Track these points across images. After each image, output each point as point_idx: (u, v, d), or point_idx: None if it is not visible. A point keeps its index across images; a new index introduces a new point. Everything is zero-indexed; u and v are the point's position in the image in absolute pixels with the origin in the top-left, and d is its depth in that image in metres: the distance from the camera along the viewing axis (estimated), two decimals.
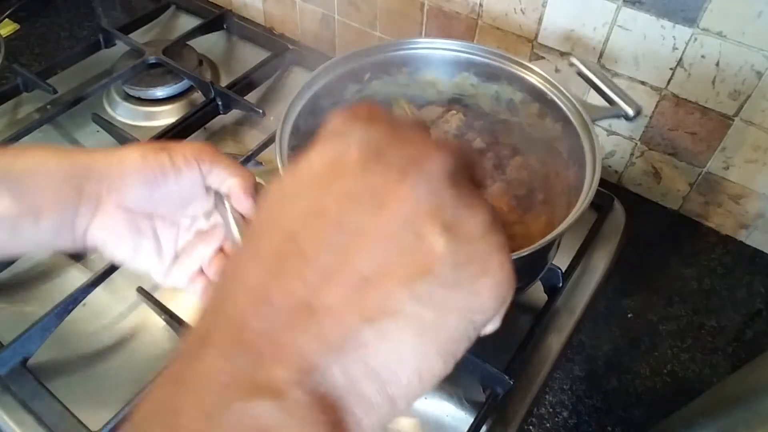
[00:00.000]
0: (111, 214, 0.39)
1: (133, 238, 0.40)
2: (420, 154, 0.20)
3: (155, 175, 0.39)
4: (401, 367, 0.19)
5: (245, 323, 0.18)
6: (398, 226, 0.19)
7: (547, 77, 0.58)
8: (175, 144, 0.41)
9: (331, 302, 0.18)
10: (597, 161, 0.51)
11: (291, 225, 0.20)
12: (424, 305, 0.19)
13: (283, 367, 0.17)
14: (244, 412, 0.16)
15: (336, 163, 0.20)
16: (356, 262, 0.19)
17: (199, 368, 0.18)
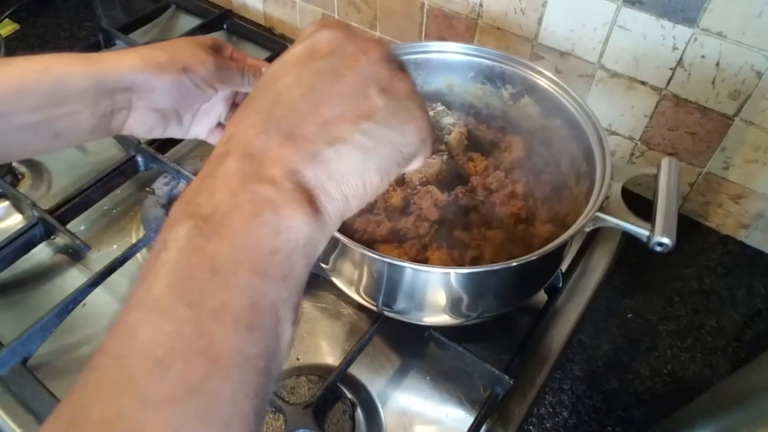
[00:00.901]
0: (142, 113, 0.48)
1: (161, 124, 0.50)
2: (366, 47, 0.31)
3: (181, 94, 0.48)
4: (351, 175, 0.28)
5: (251, 144, 0.27)
6: (351, 89, 0.29)
7: (555, 79, 0.58)
8: (192, 59, 0.48)
9: (305, 132, 0.28)
10: (607, 162, 0.51)
11: (279, 89, 0.30)
12: (367, 137, 0.29)
13: (276, 168, 0.27)
14: (256, 190, 0.26)
15: (310, 52, 0.31)
16: (322, 111, 0.28)
17: (222, 168, 0.27)
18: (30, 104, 0.43)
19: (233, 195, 0.26)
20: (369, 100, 0.29)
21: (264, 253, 0.25)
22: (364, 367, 0.58)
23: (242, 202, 0.26)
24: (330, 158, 0.28)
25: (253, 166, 0.27)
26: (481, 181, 0.59)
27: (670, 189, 0.48)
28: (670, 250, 0.45)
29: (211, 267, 0.24)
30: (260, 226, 0.25)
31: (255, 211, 0.25)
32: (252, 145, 0.27)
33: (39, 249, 0.67)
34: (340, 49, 0.30)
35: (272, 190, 0.26)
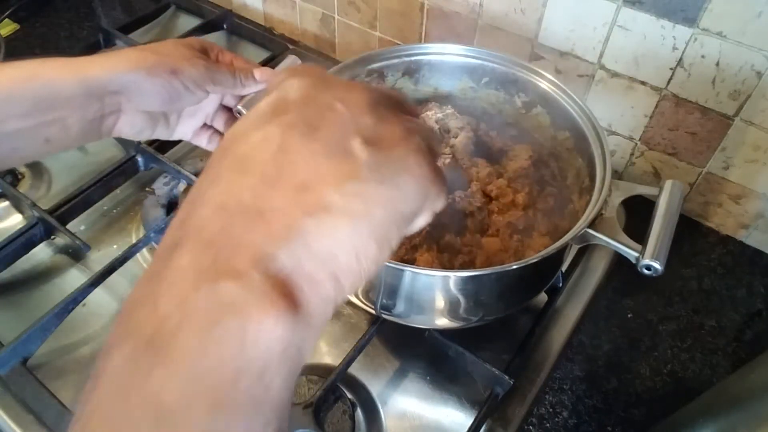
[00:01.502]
0: (131, 116, 0.48)
1: (150, 126, 0.50)
2: (343, 93, 0.26)
3: (170, 96, 0.48)
4: (339, 249, 0.23)
5: (206, 227, 0.22)
6: (329, 144, 0.24)
7: (556, 82, 0.58)
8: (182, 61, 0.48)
9: (275, 205, 0.22)
10: (607, 177, 0.50)
11: (243, 151, 0.24)
12: (353, 200, 0.23)
13: (240, 256, 0.21)
14: (212, 292, 0.20)
15: (278, 105, 0.26)
16: (295, 174, 0.23)
17: (171, 266, 0.21)
18: (18, 111, 0.42)
19: (182, 302, 0.20)
20: (351, 155, 0.24)
21: (226, 380, 0.19)
22: (364, 367, 0.58)
23: (194, 310, 0.20)
24: (310, 232, 0.22)
25: (210, 256, 0.21)
26: (482, 188, 0.58)
27: (669, 213, 0.47)
28: (659, 274, 0.45)
29: (155, 411, 0.19)
30: (219, 341, 0.19)
31: (210, 322, 0.20)
32: (208, 228, 0.22)
33: (39, 249, 0.67)
34: (312, 98, 0.25)
35: (234, 288, 0.20)
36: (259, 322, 0.20)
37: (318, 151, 0.24)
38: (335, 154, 0.24)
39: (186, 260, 0.21)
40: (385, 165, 0.24)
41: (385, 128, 0.26)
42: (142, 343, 0.20)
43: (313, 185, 0.23)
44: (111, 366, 0.20)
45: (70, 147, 0.48)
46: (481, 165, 0.60)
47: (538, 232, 0.56)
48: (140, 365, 0.19)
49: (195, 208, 0.23)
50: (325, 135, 0.24)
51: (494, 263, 0.53)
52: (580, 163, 0.56)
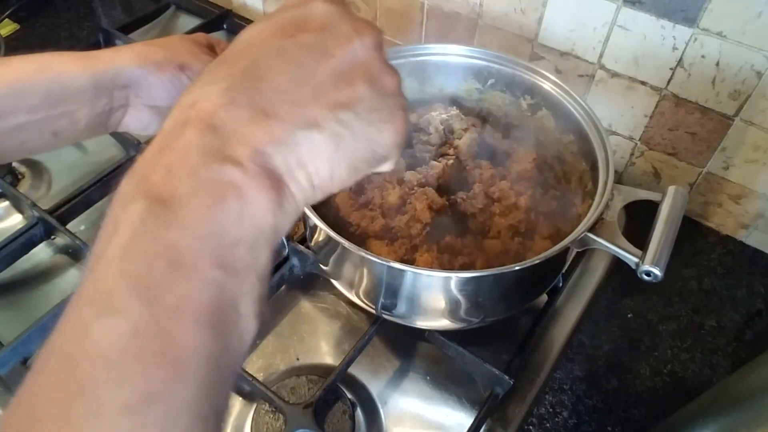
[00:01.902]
0: (139, 110, 0.48)
1: (156, 121, 0.50)
2: (362, 28, 0.28)
3: (178, 90, 0.48)
4: (321, 165, 0.26)
5: (215, 114, 0.24)
6: (337, 70, 0.27)
7: (561, 84, 0.58)
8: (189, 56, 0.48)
9: (279, 111, 0.25)
10: (610, 168, 0.50)
11: (257, 56, 0.26)
12: (343, 127, 0.26)
13: (243, 147, 0.24)
14: (219, 171, 0.23)
15: (300, 22, 0.27)
16: (301, 89, 0.26)
17: (181, 140, 0.24)
18: (28, 104, 0.43)
19: (193, 174, 0.23)
20: (353, 87, 0.27)
21: (227, 244, 0.23)
22: (364, 367, 0.58)
23: (204, 183, 0.23)
24: (301, 143, 0.25)
25: (217, 141, 0.24)
26: (484, 189, 0.58)
27: (671, 219, 0.47)
28: (659, 281, 0.45)
29: (170, 258, 0.22)
30: (223, 212, 0.23)
31: (218, 196, 0.23)
32: (217, 115, 0.24)
33: (39, 249, 0.67)
34: (333, 26, 0.27)
35: (237, 172, 0.23)
36: (256, 204, 0.24)
37: (326, 76, 0.26)
38: (340, 82, 0.26)
39: (195, 139, 0.24)
40: (378, 109, 0.27)
41: (386, 77, 0.28)
42: (158, 202, 0.22)
43: (314, 104, 0.26)
44: (129, 216, 0.22)
45: (77, 140, 0.49)
46: (484, 167, 0.60)
47: (539, 235, 0.56)
48: (158, 219, 0.22)
49: (206, 95, 0.25)
50: (336, 63, 0.27)
51: (495, 265, 0.52)
52: (583, 166, 0.56)
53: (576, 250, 0.53)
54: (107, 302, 0.21)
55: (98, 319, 0.21)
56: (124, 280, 0.21)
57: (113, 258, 0.22)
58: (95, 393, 0.20)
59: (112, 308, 0.21)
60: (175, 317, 0.21)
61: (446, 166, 0.59)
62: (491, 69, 0.62)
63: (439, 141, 0.62)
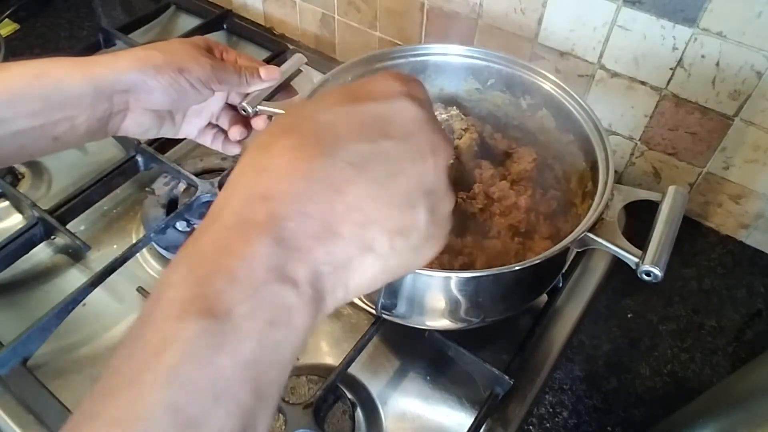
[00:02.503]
0: (139, 114, 0.49)
1: (156, 124, 0.51)
2: (439, 145, 0.27)
3: (178, 94, 0.48)
4: (361, 283, 0.26)
5: (287, 224, 0.24)
6: (405, 193, 0.26)
7: (561, 84, 0.58)
8: (188, 60, 0.48)
9: (344, 231, 0.25)
10: (610, 168, 0.50)
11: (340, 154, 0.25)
12: (394, 254, 0.26)
13: (303, 267, 0.24)
14: (278, 292, 0.23)
15: (385, 122, 0.26)
16: (368, 207, 0.25)
17: (248, 249, 0.23)
18: (28, 109, 0.43)
19: (254, 293, 0.23)
20: (414, 213, 0.26)
21: (266, 370, 0.23)
22: (364, 367, 0.58)
23: (261, 304, 0.23)
24: (354, 267, 0.25)
25: (282, 256, 0.23)
26: (484, 189, 0.58)
27: (671, 219, 0.46)
28: (659, 281, 0.45)
29: (213, 389, 0.21)
30: (271, 338, 0.23)
31: (271, 321, 0.23)
32: (287, 225, 0.24)
33: (39, 249, 0.67)
34: (415, 137, 0.27)
35: (293, 296, 0.23)
36: (298, 329, 0.24)
37: (395, 196, 0.26)
38: (404, 207, 0.26)
39: (263, 252, 0.23)
40: (430, 237, 0.28)
41: (445, 203, 0.29)
42: (214, 322, 0.22)
43: (376, 227, 0.26)
44: (182, 335, 0.22)
45: (77, 145, 0.49)
46: (484, 167, 0.60)
47: (539, 235, 0.56)
48: (212, 343, 0.22)
49: (281, 193, 0.24)
50: (407, 184, 0.26)
51: (495, 265, 0.52)
52: (583, 166, 0.56)
53: (576, 250, 0.53)
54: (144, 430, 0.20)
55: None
56: (164, 410, 0.20)
57: (157, 382, 0.21)
58: None
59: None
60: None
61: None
62: (491, 69, 0.62)
63: None
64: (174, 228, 0.67)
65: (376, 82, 0.28)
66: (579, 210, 0.56)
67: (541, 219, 0.57)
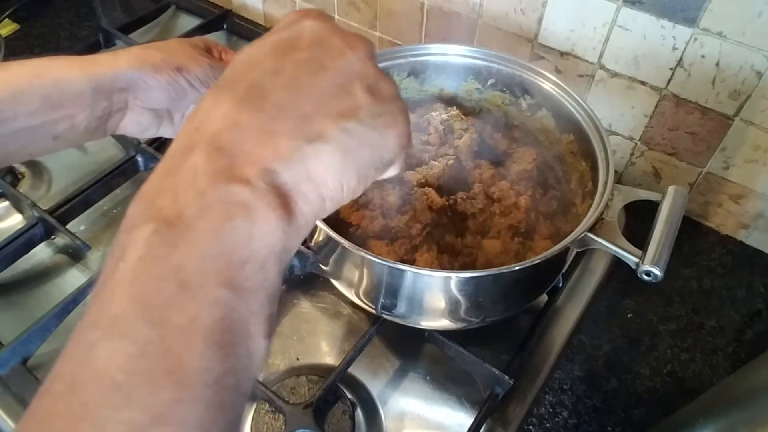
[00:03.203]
0: (138, 113, 0.49)
1: (155, 124, 0.51)
2: (353, 42, 0.29)
3: (177, 93, 0.48)
4: (329, 176, 0.26)
5: (221, 136, 0.25)
6: (335, 83, 0.27)
7: (561, 84, 0.58)
8: (187, 59, 0.49)
9: (283, 128, 0.25)
10: (610, 168, 0.50)
11: (256, 77, 0.27)
12: (349, 136, 0.27)
13: (250, 167, 0.24)
14: (227, 191, 0.23)
15: (292, 42, 0.28)
16: (303, 104, 0.26)
17: (188, 163, 0.24)
18: (27, 108, 0.43)
19: (201, 195, 0.23)
20: (353, 97, 0.27)
21: (235, 263, 0.23)
22: (364, 367, 0.58)
23: (211, 203, 0.23)
24: (309, 157, 0.25)
25: (224, 162, 0.24)
26: (484, 189, 0.58)
27: (671, 219, 0.47)
28: (659, 281, 0.45)
29: (177, 280, 0.22)
30: (232, 232, 0.23)
31: (226, 216, 0.23)
32: (222, 137, 0.25)
33: (39, 249, 0.67)
34: (326, 42, 0.28)
35: (245, 191, 0.23)
36: (265, 222, 0.24)
37: (325, 89, 0.27)
38: (340, 93, 0.27)
39: (202, 161, 0.24)
40: (380, 115, 0.28)
41: (383, 83, 0.29)
42: (164, 225, 0.23)
43: (317, 117, 0.26)
44: (136, 240, 0.22)
45: (76, 144, 0.49)
46: (484, 167, 0.60)
47: (539, 235, 0.56)
48: (165, 242, 0.22)
49: (210, 119, 0.25)
50: (333, 76, 0.27)
51: (495, 265, 0.53)
52: (583, 166, 0.56)
53: (576, 250, 0.53)
54: (114, 325, 0.21)
55: (104, 341, 0.21)
56: (130, 303, 0.21)
57: (119, 282, 0.22)
58: (101, 415, 0.20)
59: (119, 331, 0.21)
60: (183, 338, 0.21)
61: (446, 166, 0.59)
62: (491, 69, 0.62)
63: (439, 141, 0.62)
64: None
65: (280, 21, 0.30)
66: (579, 210, 0.56)
67: (541, 219, 0.57)
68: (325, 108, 0.26)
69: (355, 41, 0.29)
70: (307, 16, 0.29)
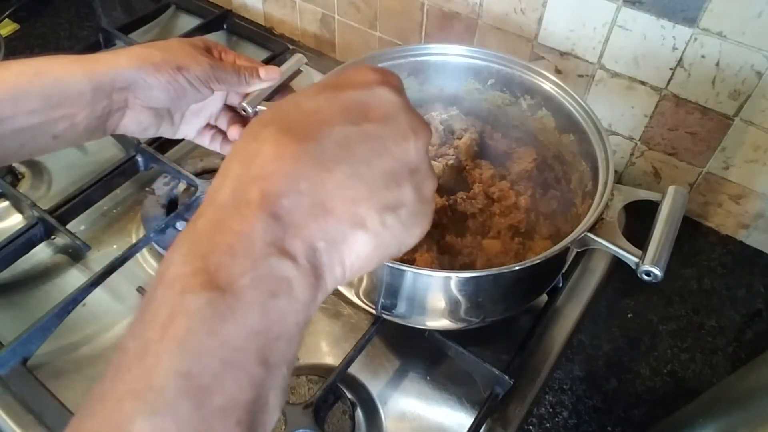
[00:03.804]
0: (138, 112, 0.49)
1: (155, 123, 0.51)
2: (418, 126, 0.29)
3: (177, 92, 0.49)
4: (357, 261, 0.27)
5: (281, 202, 0.25)
6: (390, 171, 0.28)
7: (561, 84, 0.58)
8: (187, 59, 0.49)
9: (334, 206, 0.26)
10: (610, 168, 0.50)
11: (322, 136, 0.26)
12: (384, 230, 0.28)
13: (299, 242, 0.25)
14: (277, 265, 0.24)
15: (364, 108, 0.28)
16: (357, 186, 0.27)
17: (245, 224, 0.24)
18: (27, 107, 0.43)
19: (254, 266, 0.24)
20: (401, 190, 0.28)
21: (271, 339, 0.24)
22: (364, 367, 0.58)
23: (262, 276, 0.24)
24: (348, 242, 0.26)
25: (278, 232, 0.24)
26: (484, 189, 0.58)
27: (671, 219, 0.46)
28: (659, 281, 0.45)
29: (221, 356, 0.22)
30: (274, 308, 0.24)
31: (272, 291, 0.24)
32: (282, 203, 0.25)
33: (39, 249, 0.67)
34: (394, 119, 0.28)
35: (292, 268, 0.24)
36: (300, 300, 0.25)
37: (380, 175, 0.27)
38: (391, 184, 0.28)
39: (259, 228, 0.24)
40: (416, 214, 0.29)
41: (428, 182, 0.30)
42: (217, 295, 0.23)
43: (365, 204, 0.27)
44: (188, 309, 0.22)
45: (76, 144, 0.49)
46: (484, 167, 0.60)
47: (539, 235, 0.56)
48: (216, 314, 0.23)
49: (273, 175, 0.25)
50: (391, 163, 0.28)
51: (494, 265, 0.52)
52: (584, 166, 0.56)
53: (576, 250, 0.53)
54: (156, 400, 0.21)
55: (144, 416, 0.21)
56: (176, 378, 0.21)
57: (166, 352, 0.22)
58: None
59: (161, 408, 0.21)
60: (219, 421, 0.22)
61: (446, 166, 0.59)
62: (491, 69, 0.62)
63: (439, 141, 0.62)
64: (174, 228, 0.67)
65: (354, 73, 0.30)
66: (579, 210, 0.56)
67: (541, 219, 0.57)
68: (375, 196, 0.27)
69: (419, 126, 0.29)
70: (385, 84, 0.29)
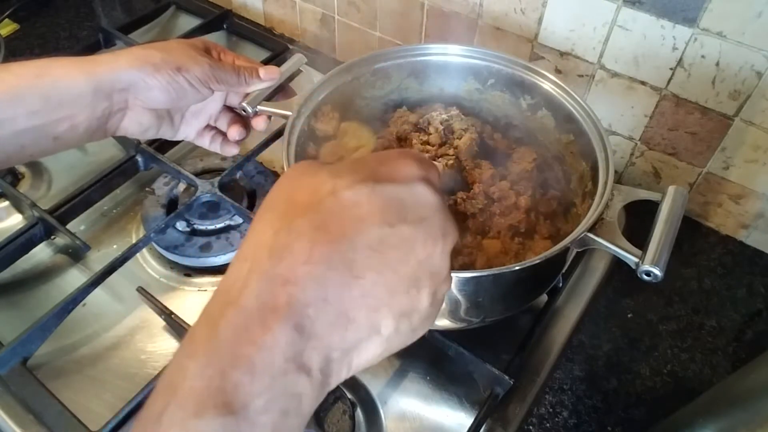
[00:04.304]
0: (138, 113, 0.49)
1: (155, 124, 0.51)
2: (449, 230, 0.29)
3: (177, 93, 0.49)
4: (363, 363, 0.28)
5: (307, 311, 0.25)
6: (412, 276, 0.27)
7: (561, 84, 0.58)
8: (187, 59, 0.49)
9: (356, 315, 0.26)
10: (610, 168, 0.50)
11: (360, 239, 0.26)
12: (396, 335, 0.28)
13: (317, 355, 0.25)
14: (293, 381, 0.24)
15: (402, 209, 0.27)
16: (379, 293, 0.26)
17: (268, 337, 0.24)
18: (28, 109, 0.43)
19: (271, 384, 0.24)
20: (418, 297, 0.28)
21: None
22: None
23: (276, 396, 0.24)
24: (361, 348, 0.27)
25: (300, 345, 0.24)
26: (484, 189, 0.58)
27: (671, 219, 0.46)
28: (659, 281, 0.45)
29: None
30: (282, 426, 0.24)
31: (284, 411, 0.24)
32: (307, 312, 0.25)
33: (39, 249, 0.67)
34: (428, 221, 0.28)
35: (306, 383, 0.25)
36: (305, 415, 0.25)
37: (402, 280, 0.27)
38: (410, 289, 0.27)
39: (282, 342, 0.24)
40: (426, 319, 0.29)
41: (444, 287, 0.29)
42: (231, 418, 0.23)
43: (384, 310, 0.27)
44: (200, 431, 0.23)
45: (77, 145, 0.49)
46: (484, 167, 0.60)
47: (539, 235, 0.56)
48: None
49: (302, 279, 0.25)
50: (414, 268, 0.27)
51: (494, 265, 0.52)
52: (584, 166, 0.56)
53: (576, 250, 0.53)
54: None
55: None
56: None
57: None
58: None
59: None
60: None
61: (446, 166, 0.59)
62: (491, 69, 0.62)
63: (439, 141, 0.62)
64: (174, 228, 0.67)
65: (398, 163, 0.29)
66: (579, 210, 0.56)
67: (541, 219, 0.57)
68: (393, 302, 0.27)
69: (450, 229, 0.29)
70: (425, 181, 0.28)
